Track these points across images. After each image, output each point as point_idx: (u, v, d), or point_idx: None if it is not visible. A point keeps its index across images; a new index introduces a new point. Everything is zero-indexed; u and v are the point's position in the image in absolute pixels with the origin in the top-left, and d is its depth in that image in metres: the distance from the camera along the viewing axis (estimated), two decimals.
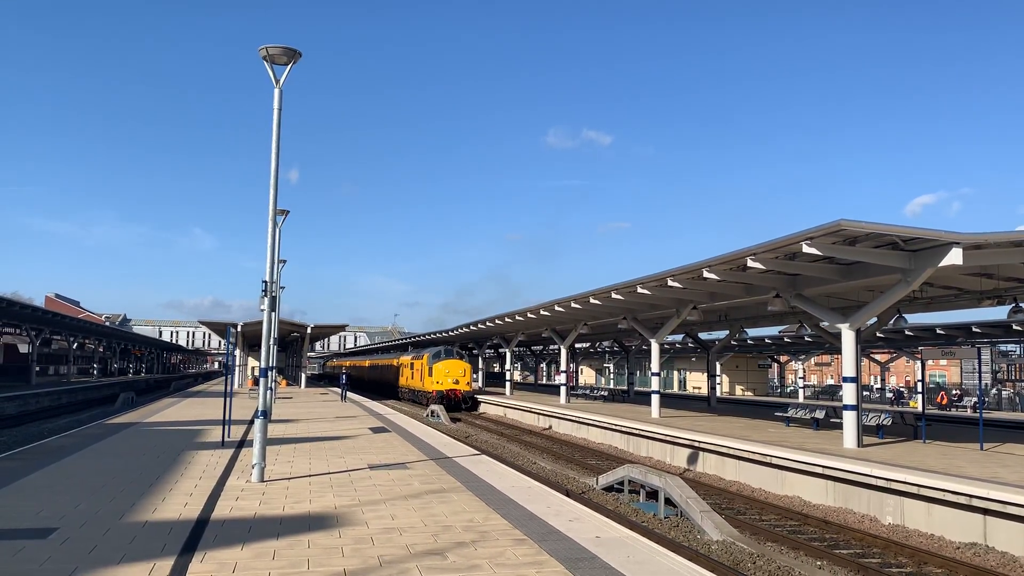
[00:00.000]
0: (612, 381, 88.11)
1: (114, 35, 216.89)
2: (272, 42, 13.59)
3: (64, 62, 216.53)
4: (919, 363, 45.11)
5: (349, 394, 46.58)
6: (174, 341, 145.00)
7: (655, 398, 31.58)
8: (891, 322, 27.20)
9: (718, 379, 49.45)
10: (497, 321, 45.64)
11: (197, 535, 9.29)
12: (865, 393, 54.87)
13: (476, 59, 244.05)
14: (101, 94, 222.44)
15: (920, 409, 28.67)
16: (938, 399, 50.07)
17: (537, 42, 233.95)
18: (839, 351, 22.35)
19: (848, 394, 20.92)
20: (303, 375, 64.10)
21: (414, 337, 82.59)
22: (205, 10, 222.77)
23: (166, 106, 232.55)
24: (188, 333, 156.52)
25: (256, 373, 57.84)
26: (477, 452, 19.38)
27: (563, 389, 43.43)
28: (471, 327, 52.03)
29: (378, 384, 68.36)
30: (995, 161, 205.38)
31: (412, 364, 54.63)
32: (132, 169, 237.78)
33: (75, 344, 73.62)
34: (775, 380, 78.58)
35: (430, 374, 48.53)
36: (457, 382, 47.94)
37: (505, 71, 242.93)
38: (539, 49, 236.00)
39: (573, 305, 33.32)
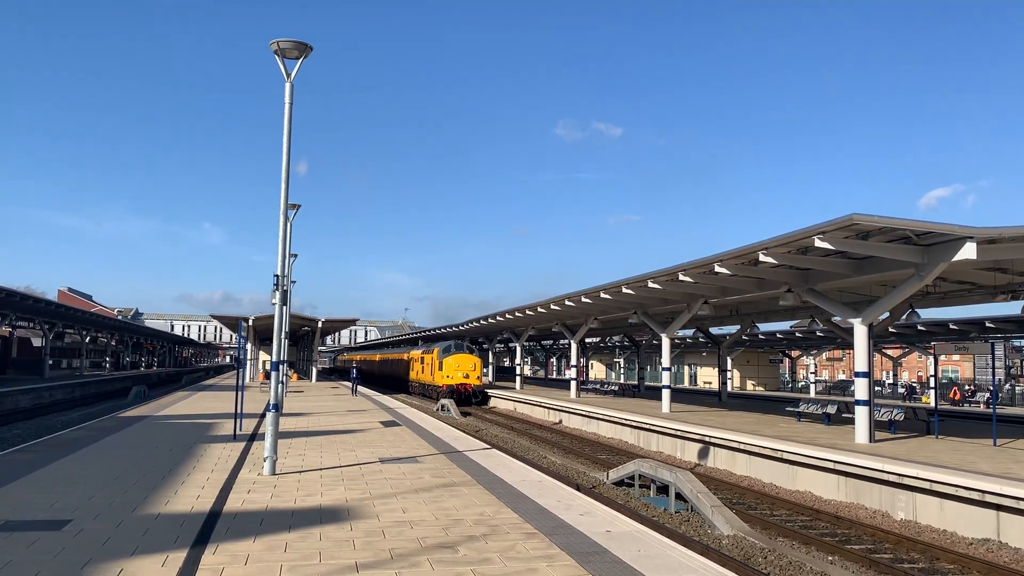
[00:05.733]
0: (622, 376, 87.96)
1: (123, 30, 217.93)
2: (281, 36, 13.53)
3: (73, 58, 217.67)
4: (932, 358, 44.84)
5: (360, 388, 46.69)
6: (185, 335, 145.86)
7: (666, 393, 31.51)
8: (903, 317, 27.05)
9: (729, 374, 49.30)
10: (507, 315, 45.65)
11: (210, 527, 9.32)
12: (877, 388, 54.61)
13: (484, 52, 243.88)
14: (109, 88, 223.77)
15: (933, 404, 28.51)
16: (951, 394, 49.75)
17: (545, 34, 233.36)
18: (851, 346, 22.27)
19: (860, 389, 20.82)
20: (314, 369, 64.28)
21: (424, 331, 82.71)
22: (215, 5, 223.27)
23: (174, 100, 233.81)
24: (199, 327, 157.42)
25: (267, 367, 58.08)
26: (487, 446, 19.39)
27: (573, 384, 43.41)
28: (481, 321, 52.05)
29: (388, 378, 68.54)
30: (1014, 153, 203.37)
31: (422, 358, 54.74)
32: (140, 162, 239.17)
33: (88, 338, 74.07)
34: (786, 375, 78.24)
35: (440, 368, 48.61)
36: (467, 376, 48.00)
37: (513, 63, 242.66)
38: (548, 41, 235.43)
39: (583, 300, 33.29)
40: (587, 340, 64.74)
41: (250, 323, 51.54)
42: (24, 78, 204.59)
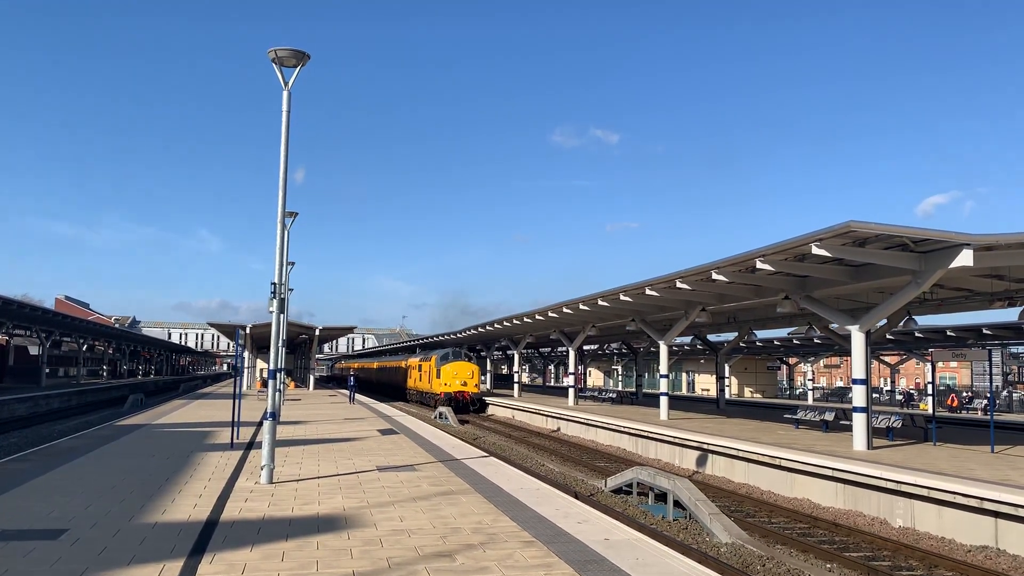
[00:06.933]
0: (620, 383, 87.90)
1: (120, 38, 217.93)
2: (278, 44, 13.59)
3: (71, 65, 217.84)
4: (929, 365, 44.86)
5: (357, 396, 46.64)
6: (183, 343, 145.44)
7: (663, 400, 31.49)
8: (901, 324, 27.08)
9: (727, 381, 49.32)
10: (505, 323, 45.65)
11: (207, 536, 9.31)
12: (875, 395, 54.56)
13: (481, 58, 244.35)
14: (106, 96, 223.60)
15: (930, 411, 28.52)
16: (948, 401, 49.81)
17: (542, 41, 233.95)
18: (849, 353, 22.29)
19: (858, 396, 20.83)
20: (311, 377, 64.24)
21: (422, 339, 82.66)
22: (212, 13, 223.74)
23: (171, 106, 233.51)
24: (197, 335, 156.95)
25: (265, 375, 57.95)
26: (485, 454, 19.36)
27: (571, 391, 43.38)
28: (479, 329, 52.04)
29: (386, 386, 68.44)
30: (1012, 160, 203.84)
31: (420, 366, 54.68)
32: (136, 170, 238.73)
33: (85, 346, 73.93)
34: (784, 382, 78.20)
35: (438, 376, 48.56)
36: (465, 384, 47.95)
37: (510, 70, 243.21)
38: (544, 47, 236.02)
39: (581, 307, 33.30)
40: (585, 347, 64.73)
41: (247, 331, 51.41)
42: (21, 86, 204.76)
